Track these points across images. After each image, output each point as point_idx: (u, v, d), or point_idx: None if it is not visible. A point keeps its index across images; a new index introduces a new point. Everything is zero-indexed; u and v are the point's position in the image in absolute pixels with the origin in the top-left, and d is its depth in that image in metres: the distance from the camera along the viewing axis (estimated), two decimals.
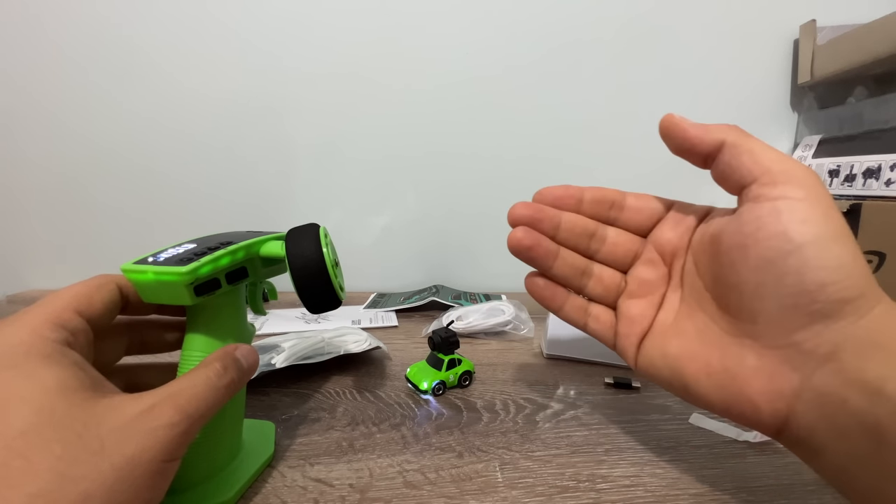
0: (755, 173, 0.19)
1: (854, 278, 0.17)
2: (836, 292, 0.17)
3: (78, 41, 0.57)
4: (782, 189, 0.18)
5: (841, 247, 0.17)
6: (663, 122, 0.23)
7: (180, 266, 0.20)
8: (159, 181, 0.61)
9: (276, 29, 0.59)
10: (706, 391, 0.20)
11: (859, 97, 0.59)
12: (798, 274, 0.17)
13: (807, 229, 0.17)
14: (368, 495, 0.23)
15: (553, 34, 0.62)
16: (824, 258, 0.17)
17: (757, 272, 0.18)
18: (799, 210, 0.18)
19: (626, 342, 0.24)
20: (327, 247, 0.24)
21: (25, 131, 0.59)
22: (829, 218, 0.18)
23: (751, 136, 0.20)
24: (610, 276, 0.25)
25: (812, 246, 0.17)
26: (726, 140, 0.20)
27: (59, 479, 0.15)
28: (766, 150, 0.19)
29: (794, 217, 0.18)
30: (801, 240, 0.17)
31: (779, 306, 0.18)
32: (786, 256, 0.17)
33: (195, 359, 0.22)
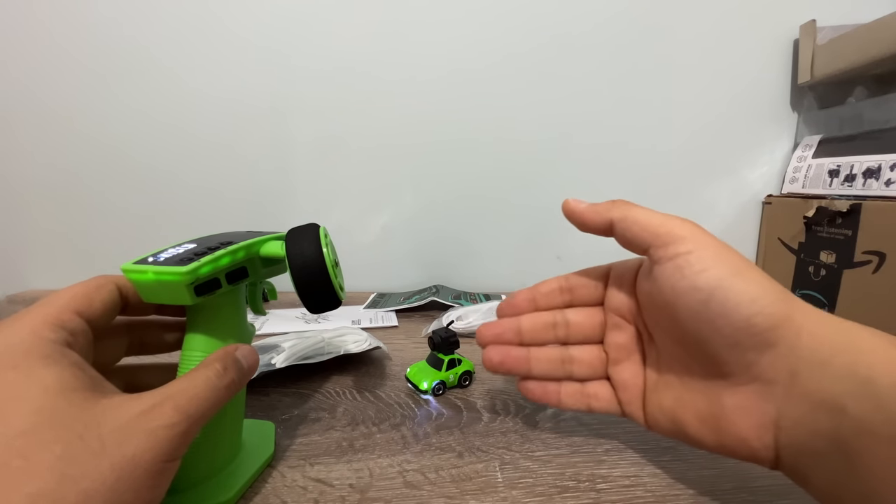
0: (647, 240, 0.21)
1: (774, 303, 0.18)
2: (764, 320, 0.18)
3: (80, 39, 0.57)
4: (674, 248, 0.20)
5: (747, 280, 0.19)
6: (564, 208, 0.25)
7: (180, 266, 0.20)
8: (159, 180, 0.61)
9: (276, 27, 0.59)
10: (702, 436, 0.21)
11: (859, 97, 0.59)
12: (722, 316, 0.18)
13: (709, 276, 0.19)
14: (368, 495, 0.23)
15: (552, 33, 0.62)
16: (737, 296, 0.18)
17: (692, 322, 0.20)
18: (695, 261, 0.19)
19: (632, 408, 0.25)
20: (327, 247, 0.24)
21: (26, 130, 0.59)
22: (724, 258, 0.19)
23: (635, 207, 0.22)
24: (589, 352, 0.27)
25: (720, 289, 0.18)
26: (613, 218, 0.23)
27: (59, 479, 0.15)
28: (650, 216, 0.21)
29: (693, 269, 0.19)
30: (708, 286, 0.19)
31: (725, 346, 0.19)
32: (705, 305, 0.19)
33: (195, 359, 0.22)
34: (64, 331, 0.18)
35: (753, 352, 0.18)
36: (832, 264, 0.55)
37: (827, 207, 0.54)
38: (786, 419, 0.18)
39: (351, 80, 0.60)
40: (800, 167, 0.63)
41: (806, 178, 0.61)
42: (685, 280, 0.19)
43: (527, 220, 0.66)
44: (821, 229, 0.56)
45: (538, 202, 0.66)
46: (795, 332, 0.18)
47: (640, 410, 0.24)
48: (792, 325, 0.18)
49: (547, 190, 0.66)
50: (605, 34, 0.62)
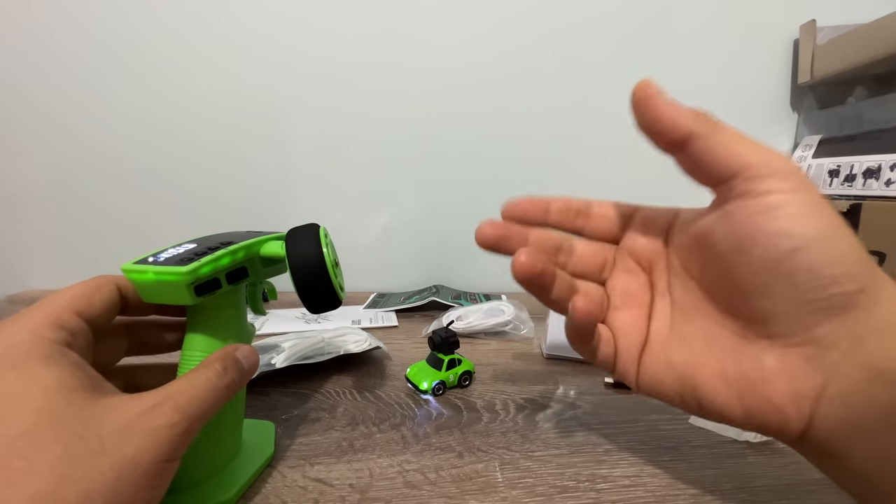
0: (734, 167, 0.18)
1: (862, 267, 0.16)
2: (848, 283, 0.16)
3: (78, 38, 0.57)
4: (770, 183, 0.17)
5: (844, 237, 0.16)
6: (638, 90, 0.20)
7: (181, 266, 0.20)
8: (160, 180, 0.61)
9: (277, 27, 0.59)
10: (724, 400, 0.19)
11: (859, 97, 0.59)
12: (809, 271, 0.16)
13: (808, 224, 0.16)
14: (368, 495, 0.23)
15: (553, 33, 0.62)
16: (832, 251, 0.16)
17: (762, 273, 0.17)
18: (794, 205, 0.17)
19: (627, 357, 0.22)
20: (327, 247, 0.24)
21: (25, 130, 0.59)
22: (825, 209, 0.17)
23: (723, 125, 0.19)
24: (593, 289, 0.24)
25: (817, 241, 0.16)
26: (695, 131, 0.19)
27: (59, 479, 0.15)
28: (742, 140, 0.18)
29: (792, 212, 0.17)
30: (805, 235, 0.16)
31: (793, 304, 0.17)
32: (792, 254, 0.16)
33: (195, 359, 0.22)
34: (64, 331, 0.18)
35: (825, 313, 0.16)
36: None
37: None
38: (834, 388, 0.16)
39: (352, 81, 0.60)
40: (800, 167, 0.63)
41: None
42: (777, 222, 0.17)
43: None
44: None
45: None
46: (874, 299, 0.16)
47: (633, 366, 0.22)
48: (873, 291, 0.16)
49: (547, 190, 0.65)
50: (605, 34, 0.62)
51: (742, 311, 0.19)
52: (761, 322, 0.18)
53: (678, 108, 0.19)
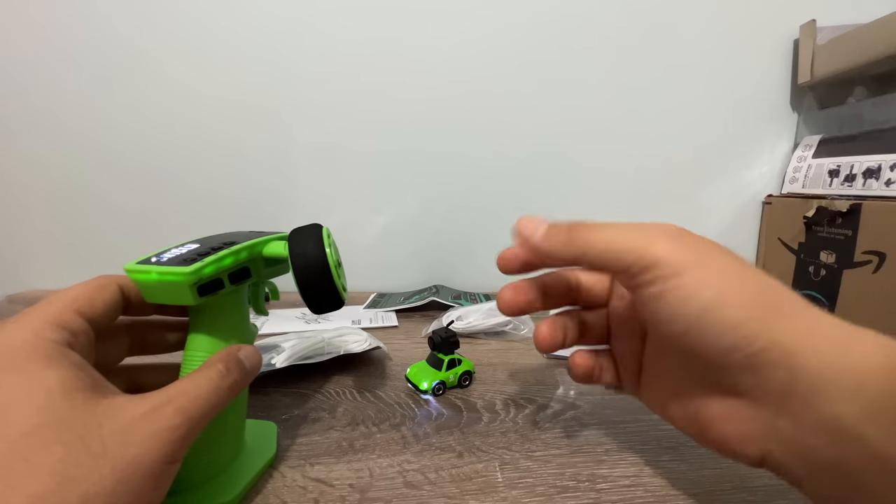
0: (617, 268, 0.19)
1: (761, 326, 0.16)
2: (747, 346, 0.16)
3: (78, 39, 0.57)
4: (647, 275, 0.18)
5: (729, 307, 0.16)
6: (516, 229, 0.22)
7: (184, 266, 0.20)
8: (160, 180, 0.61)
9: (278, 29, 0.59)
10: (685, 430, 0.21)
11: (859, 97, 0.59)
12: (703, 346, 0.17)
13: (689, 306, 0.17)
14: (368, 495, 0.23)
15: (554, 32, 0.62)
16: (720, 323, 0.16)
17: (674, 346, 0.19)
18: (672, 292, 0.17)
19: (629, 383, 0.24)
20: (330, 247, 0.24)
21: (26, 130, 0.59)
22: (704, 283, 0.17)
23: (595, 231, 0.19)
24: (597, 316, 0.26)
25: (700, 320, 0.17)
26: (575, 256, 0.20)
27: (59, 481, 0.15)
28: (613, 240, 0.19)
29: (671, 300, 0.17)
30: (687, 319, 0.17)
31: (710, 368, 0.18)
32: (685, 335, 0.17)
33: (198, 359, 0.22)
34: (66, 331, 0.18)
35: (740, 374, 0.17)
36: (832, 264, 0.55)
37: (827, 207, 0.54)
38: (778, 434, 0.17)
39: (353, 82, 0.60)
40: (800, 167, 0.63)
41: (806, 178, 0.61)
42: (662, 311, 0.18)
43: None
44: (821, 229, 0.56)
45: (538, 202, 0.66)
46: (789, 353, 0.16)
47: (636, 390, 0.24)
48: (783, 346, 0.16)
49: (547, 190, 0.66)
50: (605, 34, 0.62)
51: (688, 365, 0.20)
52: (702, 374, 0.19)
53: (554, 238, 0.21)
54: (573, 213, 0.67)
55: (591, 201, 0.67)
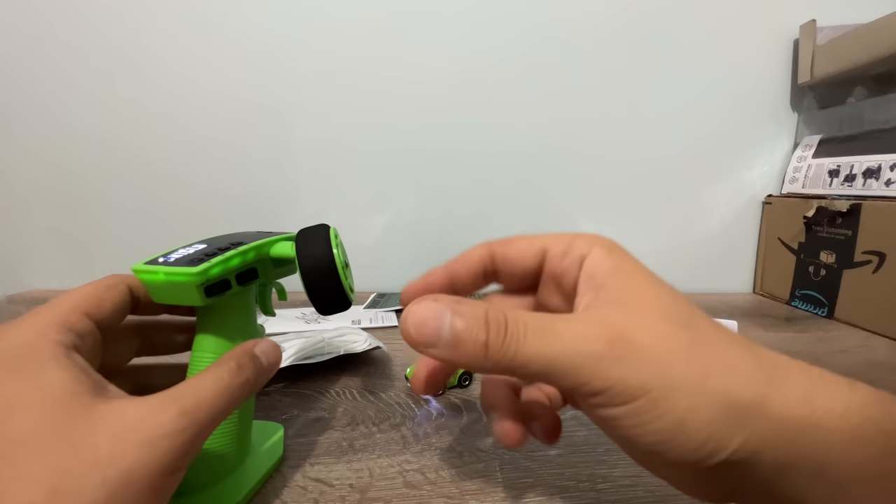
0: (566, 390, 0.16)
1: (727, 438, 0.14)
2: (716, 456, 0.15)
3: (81, 35, 0.57)
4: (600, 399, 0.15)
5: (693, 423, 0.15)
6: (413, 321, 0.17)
7: (191, 266, 0.20)
8: (161, 179, 0.61)
9: (280, 26, 0.59)
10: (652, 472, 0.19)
11: (859, 97, 0.59)
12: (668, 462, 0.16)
13: (647, 435, 0.15)
14: (368, 495, 0.23)
15: (554, 33, 0.62)
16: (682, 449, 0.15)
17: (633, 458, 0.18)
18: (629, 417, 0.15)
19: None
20: (338, 248, 0.24)
21: (26, 128, 0.59)
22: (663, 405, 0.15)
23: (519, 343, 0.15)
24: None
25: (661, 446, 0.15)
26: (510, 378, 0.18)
27: (49, 493, 0.14)
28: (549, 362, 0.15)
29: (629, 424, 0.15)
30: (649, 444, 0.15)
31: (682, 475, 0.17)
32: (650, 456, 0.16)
33: (205, 360, 0.22)
34: (72, 333, 0.18)
35: (705, 478, 0.16)
36: (832, 264, 0.55)
37: (827, 207, 0.54)
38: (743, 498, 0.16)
39: (354, 81, 0.60)
40: (800, 167, 0.63)
41: (806, 178, 0.61)
42: (620, 433, 0.16)
43: (527, 219, 0.66)
44: (821, 229, 0.56)
45: (538, 202, 0.66)
46: (755, 448, 0.15)
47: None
48: (751, 441, 0.15)
49: (548, 190, 0.66)
50: (606, 34, 0.62)
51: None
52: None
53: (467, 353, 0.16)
54: (573, 213, 0.67)
55: (591, 201, 0.67)
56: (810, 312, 0.58)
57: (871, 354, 0.45)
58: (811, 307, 0.58)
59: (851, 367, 0.41)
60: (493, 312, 0.16)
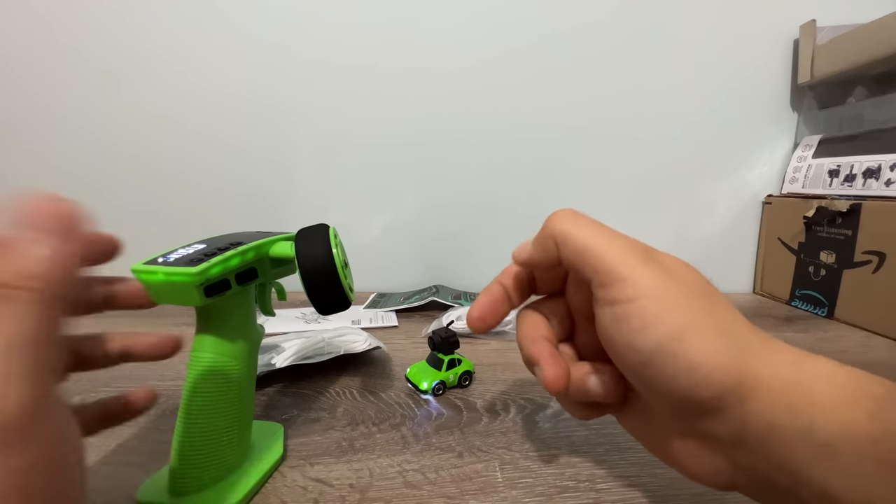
0: (587, 274, 0.18)
1: (719, 371, 0.15)
2: (706, 391, 0.15)
3: (81, 36, 0.57)
4: (614, 291, 0.17)
5: (688, 344, 0.16)
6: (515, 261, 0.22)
7: (190, 267, 0.20)
8: (161, 179, 0.61)
9: (280, 25, 0.59)
10: (654, 454, 0.20)
11: (859, 97, 0.59)
12: (660, 382, 0.16)
13: (647, 337, 0.16)
14: (368, 495, 0.23)
15: (553, 33, 0.62)
16: (675, 362, 0.16)
17: (631, 377, 0.18)
18: (635, 317, 0.16)
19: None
20: (337, 247, 0.24)
21: (26, 128, 0.59)
22: (667, 313, 0.16)
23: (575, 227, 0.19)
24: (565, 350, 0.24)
25: (658, 355, 0.16)
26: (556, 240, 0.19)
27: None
28: (590, 243, 0.18)
29: (631, 325, 0.16)
30: (646, 350, 0.16)
31: (665, 407, 0.17)
32: (644, 368, 0.17)
33: (204, 360, 0.22)
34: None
35: (696, 416, 0.16)
36: (832, 264, 0.55)
37: (827, 207, 0.54)
38: (738, 468, 0.17)
39: (353, 81, 0.60)
40: (800, 167, 0.63)
41: (806, 178, 0.61)
42: (622, 335, 0.17)
43: (527, 220, 0.66)
44: (821, 229, 0.56)
45: (538, 202, 0.66)
46: (746, 396, 0.15)
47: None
48: (743, 388, 0.15)
49: (548, 189, 0.66)
50: (606, 34, 0.62)
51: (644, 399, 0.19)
52: (660, 412, 0.19)
53: (539, 237, 0.20)
54: None
55: (591, 201, 0.67)
56: (810, 312, 0.58)
57: (871, 354, 0.45)
58: (811, 307, 0.58)
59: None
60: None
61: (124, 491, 0.23)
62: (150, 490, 0.22)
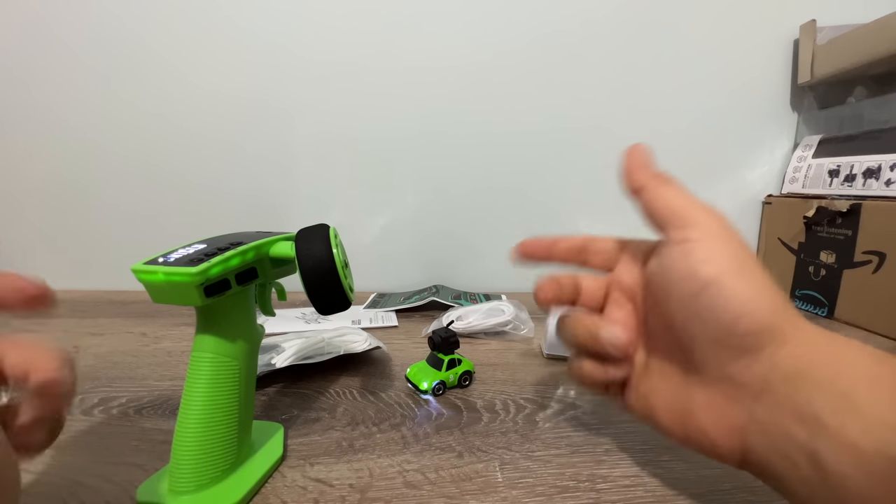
0: (665, 218, 0.21)
1: (764, 309, 0.18)
2: (749, 324, 0.17)
3: (81, 37, 0.57)
4: (686, 232, 0.20)
5: (745, 281, 0.18)
6: (626, 154, 0.25)
7: (190, 266, 0.20)
8: (160, 178, 0.61)
9: (280, 24, 0.59)
10: (669, 427, 0.21)
11: (859, 97, 0.59)
12: (711, 310, 0.18)
13: (709, 268, 0.18)
14: (368, 495, 0.23)
15: (553, 32, 0.62)
16: (730, 293, 0.18)
17: (680, 311, 0.20)
18: (700, 250, 0.19)
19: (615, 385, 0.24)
20: (337, 247, 0.24)
21: (25, 128, 0.59)
22: (731, 254, 0.19)
23: (669, 184, 0.22)
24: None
25: (716, 284, 0.18)
26: (644, 186, 0.22)
27: None
28: (674, 196, 0.21)
29: (697, 257, 0.19)
30: (706, 278, 0.18)
31: (705, 342, 0.19)
32: (697, 295, 0.19)
33: (205, 360, 0.22)
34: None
35: (732, 352, 0.18)
36: (832, 264, 0.55)
37: (827, 207, 0.54)
38: (756, 423, 0.17)
39: (353, 81, 0.60)
40: (800, 167, 0.63)
41: (806, 178, 0.61)
42: (686, 266, 0.19)
43: (527, 220, 0.66)
44: (821, 229, 0.56)
45: (538, 202, 0.66)
46: (780, 342, 0.17)
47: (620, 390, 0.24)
48: (778, 333, 0.17)
49: (547, 190, 0.66)
50: (605, 33, 0.62)
51: (678, 347, 0.21)
52: (690, 358, 0.20)
53: (640, 168, 0.24)
54: (572, 213, 0.67)
55: (591, 200, 0.67)
56: (810, 312, 0.58)
57: None
58: (811, 307, 0.58)
59: None
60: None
61: (124, 491, 0.23)
62: (150, 490, 0.22)
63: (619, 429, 0.30)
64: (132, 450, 0.27)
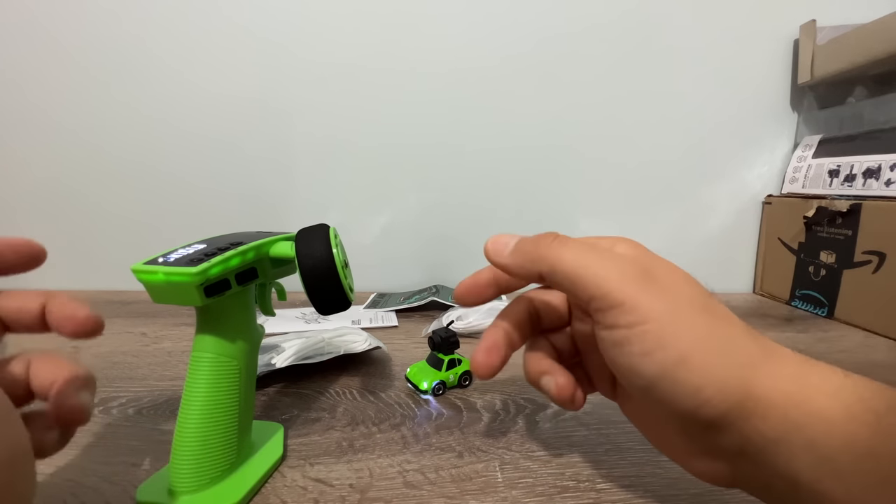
0: (583, 298, 0.18)
1: (722, 391, 0.16)
2: (709, 412, 0.16)
3: (78, 38, 0.57)
4: (613, 316, 0.17)
5: (691, 368, 0.16)
6: (485, 251, 0.22)
7: (190, 266, 0.20)
8: (161, 179, 0.61)
9: (279, 25, 0.59)
10: (654, 444, 0.21)
11: (859, 97, 0.59)
12: (668, 402, 0.16)
13: (651, 363, 0.16)
14: (368, 495, 0.23)
15: (554, 33, 0.62)
16: (682, 389, 0.16)
17: (638, 396, 0.18)
18: (636, 342, 0.16)
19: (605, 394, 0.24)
20: (337, 247, 0.24)
21: (23, 130, 0.59)
22: (669, 338, 0.16)
23: (565, 251, 0.18)
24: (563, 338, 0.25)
25: (664, 379, 0.16)
26: (542, 272, 0.19)
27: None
28: (582, 268, 0.17)
29: (636, 350, 0.16)
30: (651, 376, 0.16)
31: (671, 418, 0.17)
32: (647, 391, 0.17)
33: (205, 360, 0.22)
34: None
35: (700, 428, 0.17)
36: (832, 264, 0.55)
37: (827, 207, 0.54)
38: (741, 473, 0.17)
39: (353, 80, 0.61)
40: (800, 167, 0.63)
41: (806, 178, 0.61)
42: (624, 359, 0.17)
43: (528, 220, 0.66)
44: (821, 229, 0.56)
45: (538, 202, 0.66)
46: (747, 415, 0.15)
47: (613, 397, 0.24)
48: (743, 408, 0.15)
49: (547, 189, 0.66)
50: (607, 33, 0.62)
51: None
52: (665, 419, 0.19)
53: (523, 256, 0.20)
54: (572, 213, 0.67)
55: (592, 200, 0.67)
56: (810, 312, 0.58)
57: (871, 354, 0.45)
58: (811, 307, 0.58)
59: (851, 367, 0.41)
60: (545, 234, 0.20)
61: (124, 491, 0.23)
62: (150, 490, 0.22)
63: (619, 429, 0.30)
64: (132, 450, 0.27)
